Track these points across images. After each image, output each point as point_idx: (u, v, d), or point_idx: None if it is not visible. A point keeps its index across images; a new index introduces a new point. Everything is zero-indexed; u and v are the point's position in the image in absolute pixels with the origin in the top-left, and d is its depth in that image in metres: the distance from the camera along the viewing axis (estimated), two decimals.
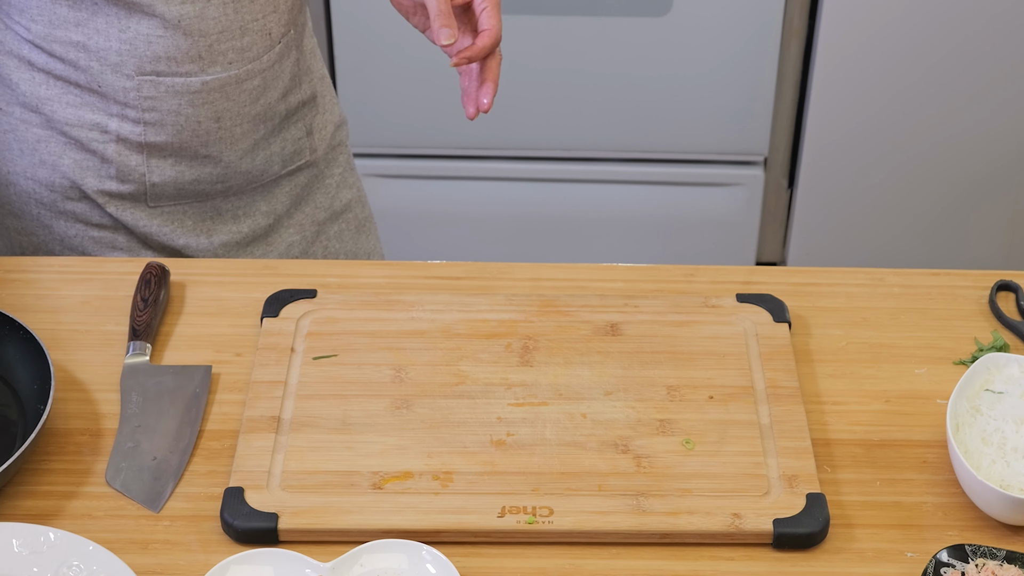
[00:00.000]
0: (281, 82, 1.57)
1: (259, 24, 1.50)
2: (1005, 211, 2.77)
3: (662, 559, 1.19)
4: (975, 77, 2.60)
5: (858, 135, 2.67)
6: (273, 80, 1.56)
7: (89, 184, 1.55)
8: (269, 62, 1.54)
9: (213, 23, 1.46)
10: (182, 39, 1.46)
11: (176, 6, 1.44)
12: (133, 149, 1.53)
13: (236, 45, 1.49)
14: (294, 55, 1.58)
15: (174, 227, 1.60)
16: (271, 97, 1.57)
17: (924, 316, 1.45)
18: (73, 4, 1.44)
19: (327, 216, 1.72)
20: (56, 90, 1.51)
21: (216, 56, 1.49)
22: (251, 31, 1.50)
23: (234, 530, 1.19)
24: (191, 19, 1.45)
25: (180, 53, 1.47)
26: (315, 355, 1.36)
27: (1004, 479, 1.21)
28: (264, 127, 1.58)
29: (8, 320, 1.33)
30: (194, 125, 1.52)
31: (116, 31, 1.45)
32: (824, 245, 2.83)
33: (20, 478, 1.25)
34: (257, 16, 1.49)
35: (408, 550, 1.16)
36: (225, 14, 1.47)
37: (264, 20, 1.50)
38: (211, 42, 1.47)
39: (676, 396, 1.32)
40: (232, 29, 1.48)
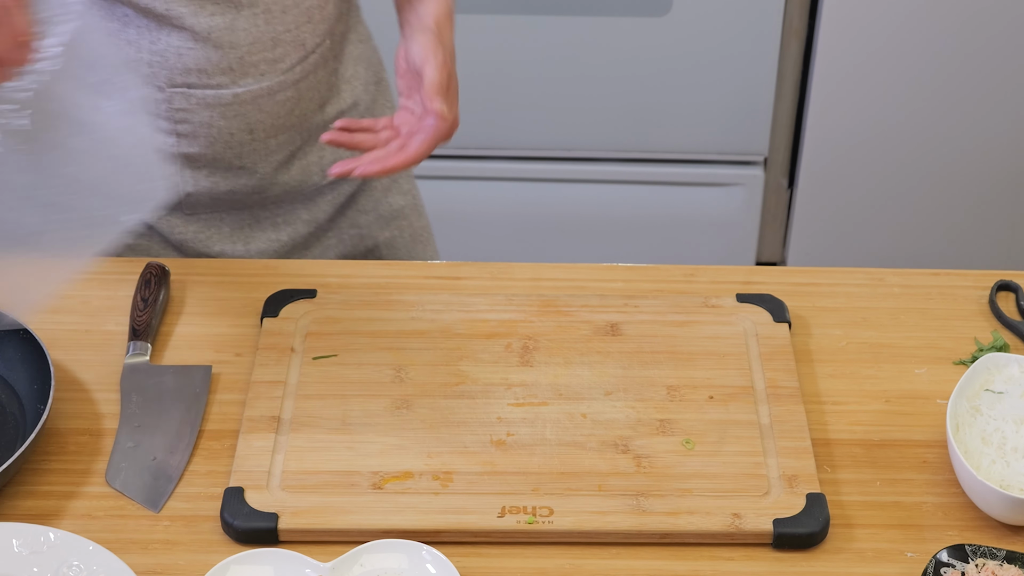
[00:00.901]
0: (317, 92, 1.54)
1: (292, 35, 1.47)
2: (1005, 211, 2.77)
3: (662, 559, 1.19)
4: (975, 77, 2.60)
5: (858, 135, 2.67)
6: (308, 91, 1.52)
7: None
8: (303, 73, 1.50)
9: (244, 35, 1.44)
10: (212, 51, 1.44)
11: (206, 18, 1.42)
12: (167, 160, 1.50)
13: (268, 57, 1.46)
14: (331, 65, 1.55)
15: (210, 234, 1.58)
16: (306, 108, 1.54)
17: (924, 316, 1.45)
18: (105, 15, 1.42)
19: (372, 220, 1.68)
20: None
21: (247, 68, 1.46)
22: (283, 42, 1.46)
23: (234, 530, 1.19)
24: (221, 31, 1.43)
25: (211, 65, 1.45)
26: (315, 355, 1.36)
27: (1004, 479, 1.21)
28: (300, 138, 1.56)
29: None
30: (227, 137, 1.50)
31: (147, 43, 1.43)
32: (824, 245, 2.83)
33: (20, 478, 1.25)
34: (290, 27, 1.46)
35: (408, 550, 1.16)
36: (256, 26, 1.44)
37: (297, 31, 1.47)
38: (242, 54, 1.45)
39: (676, 396, 1.32)
40: (263, 41, 1.45)
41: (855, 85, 2.61)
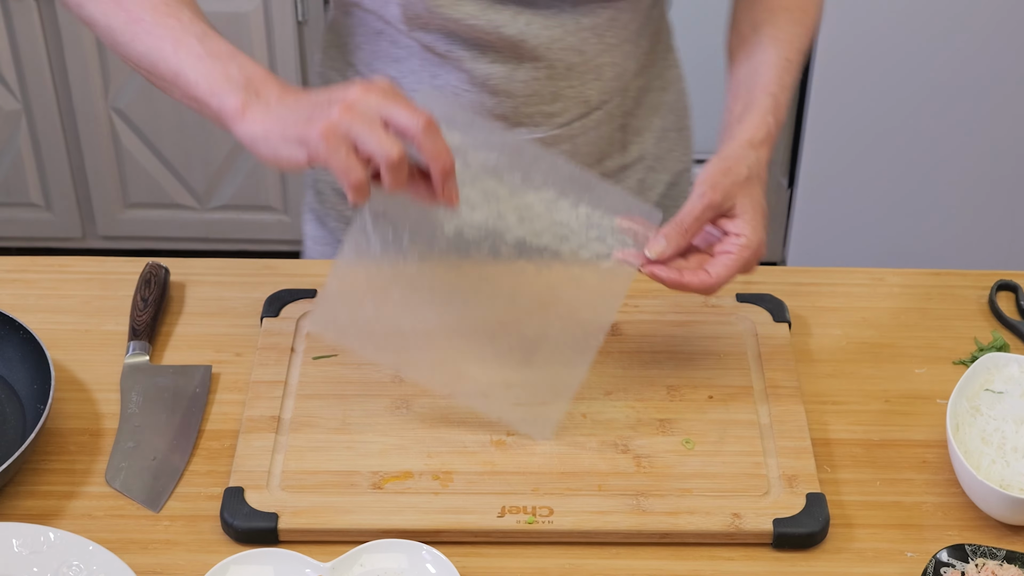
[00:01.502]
0: (597, 147, 1.49)
1: (575, 91, 1.42)
2: (1005, 211, 2.77)
3: (662, 559, 1.19)
4: (975, 77, 2.60)
5: (858, 135, 2.67)
6: (586, 145, 1.47)
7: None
8: (582, 128, 1.45)
9: (522, 86, 1.39)
10: (487, 97, 1.40)
11: (484, 65, 1.38)
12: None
13: (545, 110, 1.42)
14: (619, 120, 1.48)
15: None
16: (583, 162, 1.47)
17: (924, 316, 1.45)
18: (394, 41, 1.40)
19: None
20: None
21: (522, 118, 1.42)
22: (564, 98, 1.42)
23: (234, 530, 1.19)
24: (498, 80, 1.39)
25: (484, 110, 1.41)
26: (315, 355, 1.36)
27: (1004, 479, 1.21)
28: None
29: (8, 320, 1.33)
30: None
31: (428, 76, 1.41)
32: (824, 245, 2.83)
33: (20, 478, 1.25)
34: (573, 83, 1.41)
35: (408, 550, 1.16)
36: (536, 79, 1.39)
37: (582, 88, 1.42)
38: (517, 104, 1.41)
39: (676, 396, 1.32)
40: (542, 94, 1.41)
41: (855, 85, 2.61)
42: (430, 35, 1.37)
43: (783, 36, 1.38)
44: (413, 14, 1.35)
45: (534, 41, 1.36)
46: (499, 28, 1.35)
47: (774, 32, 1.39)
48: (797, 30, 1.39)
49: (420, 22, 1.36)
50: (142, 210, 2.96)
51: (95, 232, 3.00)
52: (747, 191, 1.25)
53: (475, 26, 1.35)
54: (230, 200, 2.93)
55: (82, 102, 2.79)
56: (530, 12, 1.35)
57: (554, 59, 1.38)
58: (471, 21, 1.34)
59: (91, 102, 2.79)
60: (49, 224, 2.98)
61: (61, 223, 2.97)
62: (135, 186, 2.91)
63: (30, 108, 2.80)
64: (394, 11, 1.36)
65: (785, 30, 1.39)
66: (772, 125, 1.32)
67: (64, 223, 2.97)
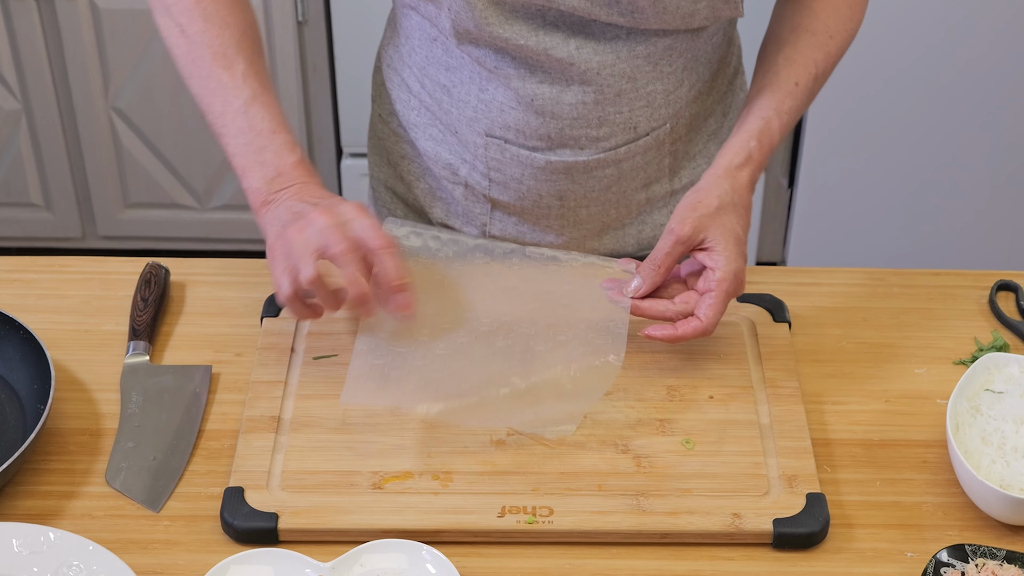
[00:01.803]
0: (644, 173, 1.47)
1: (623, 117, 1.40)
2: (1005, 211, 2.77)
3: (662, 559, 1.19)
4: (975, 77, 2.60)
5: (858, 135, 2.67)
6: (633, 171, 1.46)
7: (435, 214, 1.53)
8: (629, 154, 1.44)
9: (568, 108, 1.38)
10: (533, 117, 1.39)
11: (532, 85, 1.37)
12: (479, 199, 1.49)
13: (591, 134, 1.40)
14: (669, 147, 1.46)
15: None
16: (628, 187, 1.47)
17: (924, 316, 1.45)
18: (447, 49, 1.40)
19: None
20: (424, 119, 1.48)
21: (566, 140, 1.41)
22: (611, 123, 1.40)
23: (234, 530, 1.19)
24: (545, 100, 1.37)
25: (529, 128, 1.40)
26: (315, 355, 1.36)
27: (1004, 479, 1.21)
28: (616, 213, 1.49)
29: (8, 320, 1.33)
30: (535, 197, 1.46)
31: (476, 89, 1.40)
32: (824, 245, 2.83)
33: (20, 478, 1.25)
34: (621, 109, 1.39)
35: (408, 550, 1.16)
36: (583, 103, 1.38)
37: (630, 114, 1.40)
38: (563, 126, 1.39)
39: (676, 396, 1.32)
40: (588, 118, 1.39)
41: (855, 85, 2.61)
42: (479, 50, 1.36)
43: (799, 59, 1.38)
44: (463, 29, 1.34)
45: (583, 65, 1.35)
46: (548, 50, 1.34)
47: (791, 54, 1.38)
48: (816, 54, 1.38)
49: (470, 37, 1.35)
50: (142, 210, 2.96)
51: (95, 232, 3.00)
52: (718, 222, 1.29)
53: (524, 46, 1.34)
54: (230, 200, 2.93)
55: (82, 102, 2.79)
56: (582, 37, 1.34)
57: (603, 84, 1.37)
58: (520, 41, 1.33)
59: (91, 102, 2.79)
60: (49, 224, 2.97)
61: (61, 223, 2.97)
62: (135, 186, 2.91)
63: (30, 108, 2.80)
64: (445, 23, 1.35)
65: (803, 53, 1.38)
66: (755, 148, 1.34)
67: (64, 223, 2.97)
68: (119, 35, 2.70)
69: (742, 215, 1.32)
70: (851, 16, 1.40)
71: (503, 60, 1.36)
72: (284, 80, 2.75)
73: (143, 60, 2.73)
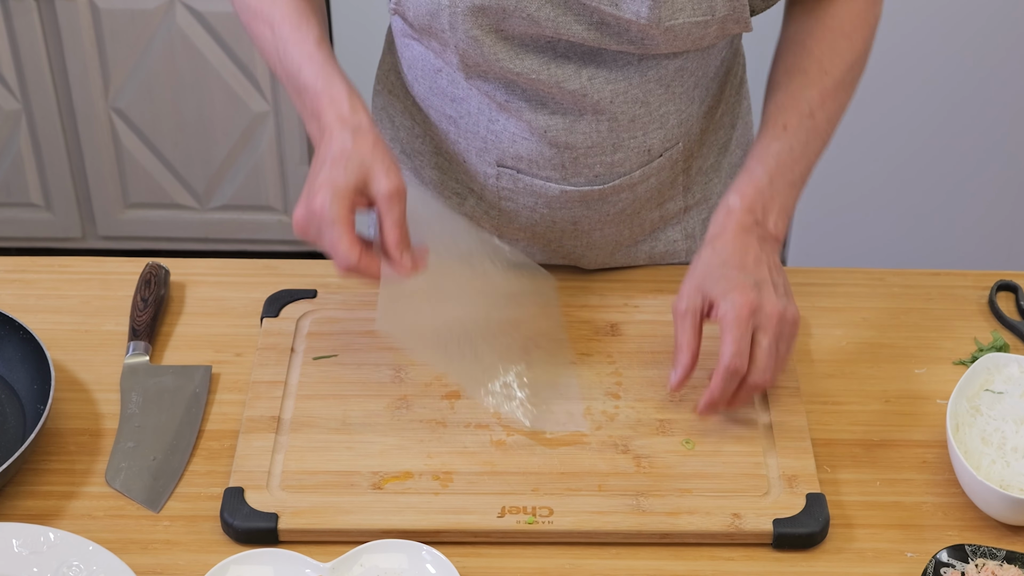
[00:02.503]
0: (658, 192, 1.46)
1: (636, 142, 1.39)
2: (1005, 211, 2.77)
3: (662, 559, 1.19)
4: (975, 77, 2.60)
5: (858, 135, 2.67)
6: (647, 192, 1.45)
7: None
8: (644, 176, 1.42)
9: (583, 138, 1.37)
10: (547, 147, 1.38)
11: (544, 117, 1.35)
12: (485, 226, 1.48)
13: (606, 160, 1.39)
14: (682, 164, 1.46)
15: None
16: (642, 207, 1.46)
17: (924, 316, 1.45)
18: (452, 81, 1.38)
19: None
20: (428, 148, 1.47)
21: (581, 168, 1.39)
22: (625, 148, 1.39)
23: (234, 530, 1.19)
24: (558, 131, 1.36)
25: (543, 159, 1.39)
26: (315, 355, 1.36)
27: (1004, 479, 1.21)
28: (629, 232, 1.48)
29: (8, 320, 1.33)
30: (548, 223, 1.45)
31: (486, 120, 1.39)
32: (824, 245, 2.83)
33: (20, 478, 1.25)
34: (636, 134, 1.38)
35: (408, 550, 1.16)
36: (598, 131, 1.37)
37: (644, 137, 1.39)
38: (577, 155, 1.38)
39: (676, 396, 1.32)
40: (603, 145, 1.38)
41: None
42: (489, 84, 1.35)
43: (789, 102, 1.36)
44: (472, 63, 1.32)
45: (596, 96, 1.34)
46: (560, 83, 1.33)
47: (781, 98, 1.37)
48: (808, 93, 1.36)
49: (479, 71, 1.34)
50: (142, 210, 2.96)
51: (95, 232, 3.00)
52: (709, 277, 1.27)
53: (536, 80, 1.32)
54: (230, 200, 2.93)
55: (82, 102, 2.79)
56: (593, 67, 1.33)
57: (617, 111, 1.36)
58: (532, 75, 1.32)
59: (91, 102, 2.79)
60: (49, 224, 2.97)
61: (61, 223, 2.97)
62: (135, 186, 2.91)
63: (30, 108, 2.80)
64: (452, 58, 1.34)
65: (794, 95, 1.36)
66: (735, 203, 1.31)
67: (64, 223, 2.97)
68: (119, 35, 2.70)
69: (733, 257, 1.28)
70: (849, 47, 1.38)
71: (513, 93, 1.35)
72: None
73: (143, 60, 2.73)
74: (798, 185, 1.36)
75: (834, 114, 1.39)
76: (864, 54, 1.40)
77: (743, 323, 1.23)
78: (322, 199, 1.19)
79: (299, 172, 2.87)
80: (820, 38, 1.38)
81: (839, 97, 1.39)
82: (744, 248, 1.28)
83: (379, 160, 1.21)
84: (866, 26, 1.39)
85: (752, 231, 1.30)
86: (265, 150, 2.84)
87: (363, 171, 1.21)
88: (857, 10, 1.38)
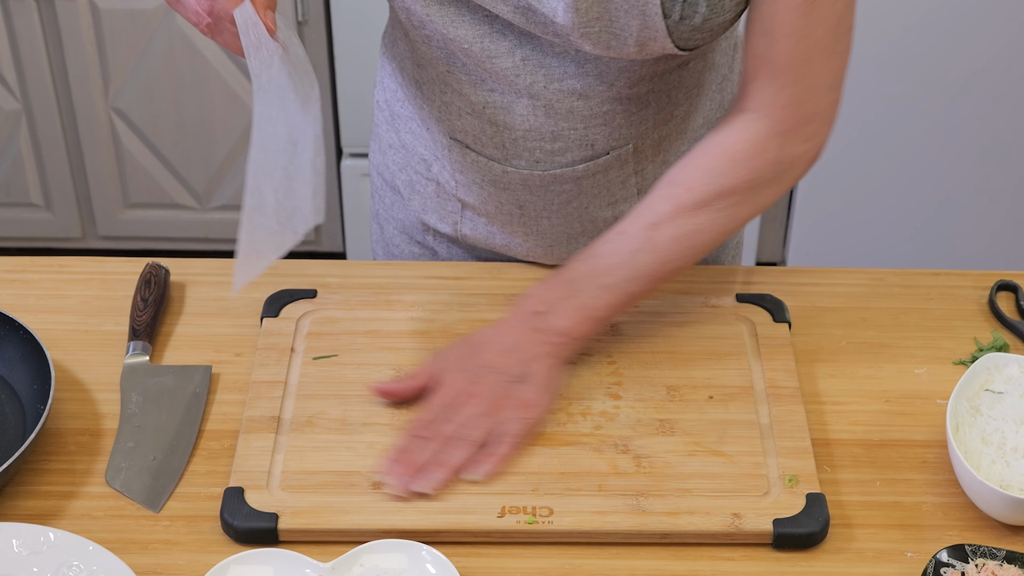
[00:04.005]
0: (608, 192, 1.44)
1: (577, 134, 1.37)
2: (1005, 211, 2.77)
3: (662, 559, 1.19)
4: (975, 77, 2.60)
5: (858, 135, 2.67)
6: (594, 189, 1.43)
7: (413, 207, 1.53)
8: (587, 172, 1.40)
9: (520, 120, 1.36)
10: (487, 125, 1.38)
11: (483, 93, 1.35)
12: (449, 197, 1.48)
13: (545, 147, 1.38)
14: (634, 167, 1.42)
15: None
16: (591, 203, 1.44)
17: (924, 316, 1.45)
18: (414, 47, 1.39)
19: None
20: (406, 112, 1.48)
21: (520, 151, 1.39)
22: (565, 138, 1.37)
23: (234, 530, 1.19)
24: (496, 109, 1.36)
25: (485, 136, 1.39)
26: (315, 355, 1.36)
27: (1004, 479, 1.21)
28: (581, 226, 1.47)
29: (8, 320, 1.33)
30: (496, 203, 1.45)
31: (438, 91, 1.39)
32: (824, 245, 2.83)
33: (20, 478, 1.25)
34: (576, 126, 1.36)
35: (408, 550, 1.16)
36: (534, 115, 1.35)
37: (585, 131, 1.37)
38: (516, 137, 1.37)
39: (676, 396, 1.32)
40: (541, 131, 1.37)
41: (855, 85, 2.60)
42: (432, 51, 1.35)
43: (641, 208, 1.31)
44: (415, 22, 1.32)
45: (529, 78, 1.32)
46: (493, 58, 1.31)
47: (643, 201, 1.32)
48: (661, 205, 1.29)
49: (422, 33, 1.33)
50: (142, 210, 2.96)
51: (95, 232, 3.00)
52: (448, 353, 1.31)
53: (469, 51, 1.31)
54: (230, 200, 2.93)
55: (82, 102, 2.79)
56: (528, 48, 1.30)
57: (552, 99, 1.34)
58: (465, 45, 1.31)
59: (91, 102, 2.79)
60: (49, 224, 2.97)
61: (61, 223, 2.97)
62: (135, 186, 2.91)
63: (30, 108, 2.80)
64: (403, 15, 1.34)
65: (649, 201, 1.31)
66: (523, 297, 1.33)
67: (64, 223, 2.97)
68: (119, 35, 2.70)
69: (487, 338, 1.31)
70: (727, 171, 1.28)
71: (455, 66, 1.35)
72: None
73: (143, 60, 2.73)
74: (616, 290, 1.30)
75: (685, 234, 1.29)
76: (748, 185, 1.28)
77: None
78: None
79: None
80: (702, 149, 1.30)
81: (697, 219, 1.28)
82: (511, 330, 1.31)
83: None
84: (759, 157, 1.28)
85: (527, 322, 1.31)
86: None
87: None
88: (754, 134, 1.28)
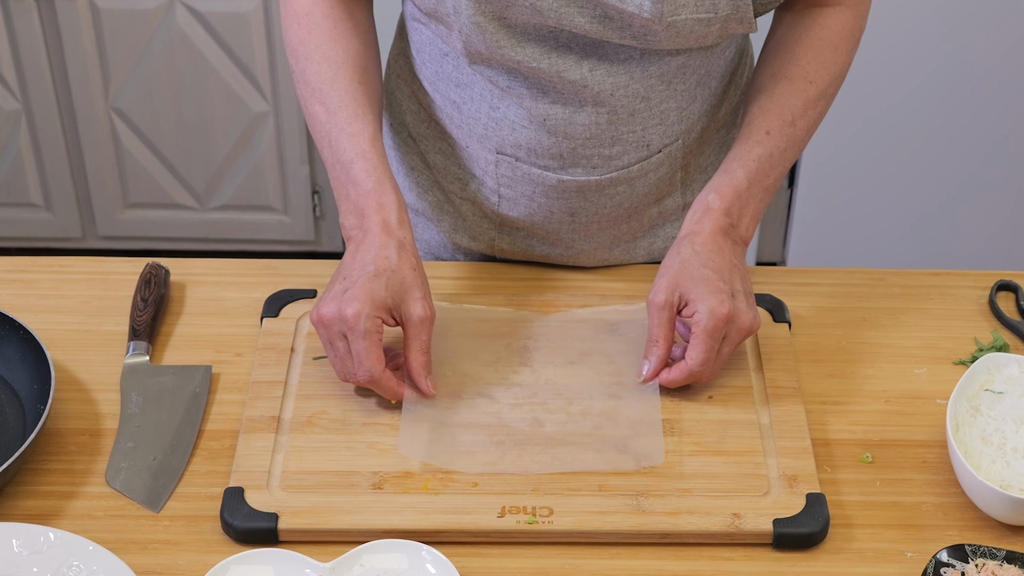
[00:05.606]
0: (656, 188, 1.47)
1: (635, 136, 1.40)
2: (1005, 211, 2.77)
3: (662, 559, 1.19)
4: (975, 77, 2.60)
5: (858, 135, 2.67)
6: (645, 187, 1.45)
7: (443, 227, 1.53)
8: (641, 172, 1.43)
9: (581, 129, 1.38)
10: (545, 136, 1.38)
11: (545, 105, 1.36)
12: (486, 215, 1.49)
13: (604, 152, 1.40)
14: (681, 161, 1.46)
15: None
16: (640, 202, 1.47)
17: (924, 316, 1.45)
18: (457, 66, 1.39)
19: None
20: (433, 132, 1.48)
21: (579, 159, 1.40)
22: (624, 141, 1.40)
23: (234, 530, 1.19)
24: (557, 120, 1.37)
25: (541, 148, 1.40)
26: (315, 355, 1.36)
27: (1004, 479, 1.21)
28: (628, 227, 1.49)
29: (8, 320, 1.33)
30: (546, 213, 1.46)
31: (487, 107, 1.40)
32: (824, 245, 2.83)
33: (20, 478, 1.25)
34: (635, 128, 1.39)
35: (408, 550, 1.16)
36: (596, 123, 1.37)
37: (643, 133, 1.40)
38: (575, 145, 1.39)
39: (676, 396, 1.32)
40: (601, 137, 1.39)
41: (855, 85, 2.61)
42: (491, 70, 1.36)
43: (773, 107, 1.37)
44: (475, 49, 1.33)
45: (596, 87, 1.35)
46: (560, 72, 1.33)
47: (765, 102, 1.38)
48: (791, 101, 1.37)
49: (482, 57, 1.34)
50: (142, 210, 2.96)
51: (95, 232, 3.00)
52: (686, 275, 1.30)
53: (536, 68, 1.33)
54: (230, 200, 2.93)
55: (82, 102, 2.79)
56: (595, 58, 1.33)
57: (616, 105, 1.37)
58: (532, 64, 1.33)
59: (91, 102, 2.79)
60: (49, 224, 2.97)
61: (61, 223, 2.97)
62: (135, 186, 2.91)
63: (30, 108, 2.80)
64: (456, 43, 1.34)
65: (778, 100, 1.37)
66: (713, 201, 1.33)
67: (64, 223, 2.97)
68: (119, 35, 2.70)
69: (712, 260, 1.30)
70: (835, 59, 1.39)
71: (515, 80, 1.36)
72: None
73: (143, 60, 2.73)
74: (771, 191, 1.37)
75: (812, 124, 1.40)
76: (846, 67, 1.41)
77: (717, 334, 1.28)
78: (357, 310, 1.24)
79: (299, 172, 2.87)
80: (807, 47, 1.39)
81: (819, 107, 1.39)
82: (720, 251, 1.32)
83: (418, 285, 1.27)
84: (852, 39, 1.41)
85: (728, 234, 1.33)
86: (265, 150, 2.84)
87: (402, 292, 1.26)
88: (845, 22, 1.39)
